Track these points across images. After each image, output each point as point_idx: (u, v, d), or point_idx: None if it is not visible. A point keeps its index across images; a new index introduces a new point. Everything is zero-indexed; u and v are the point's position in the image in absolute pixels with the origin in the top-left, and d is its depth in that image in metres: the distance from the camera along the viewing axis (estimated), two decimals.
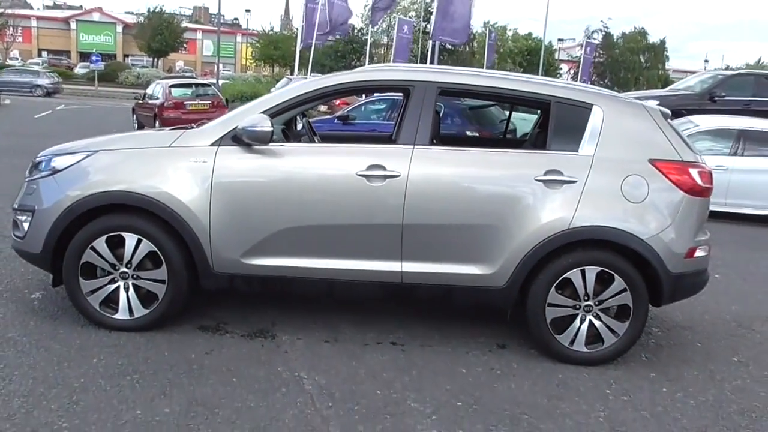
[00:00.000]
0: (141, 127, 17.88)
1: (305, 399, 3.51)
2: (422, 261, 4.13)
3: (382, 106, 12.93)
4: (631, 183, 4.10)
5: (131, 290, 4.16)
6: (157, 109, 16.37)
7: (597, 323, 4.16)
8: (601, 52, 49.31)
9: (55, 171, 4.19)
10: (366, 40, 46.07)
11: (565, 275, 4.10)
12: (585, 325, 4.16)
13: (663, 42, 53.37)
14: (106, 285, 4.16)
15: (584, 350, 4.19)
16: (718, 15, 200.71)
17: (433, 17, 17.12)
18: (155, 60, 60.44)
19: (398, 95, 11.02)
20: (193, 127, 4.40)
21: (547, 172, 4.08)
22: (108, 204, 4.07)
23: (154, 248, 4.08)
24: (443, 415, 3.46)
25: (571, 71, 51.65)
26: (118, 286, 4.16)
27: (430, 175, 4.11)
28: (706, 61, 75.87)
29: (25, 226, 4.23)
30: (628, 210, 4.08)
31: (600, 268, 4.09)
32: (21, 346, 3.90)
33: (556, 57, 57.32)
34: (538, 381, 3.95)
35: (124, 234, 4.08)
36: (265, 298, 4.89)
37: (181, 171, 4.07)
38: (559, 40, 60.52)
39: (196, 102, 16.78)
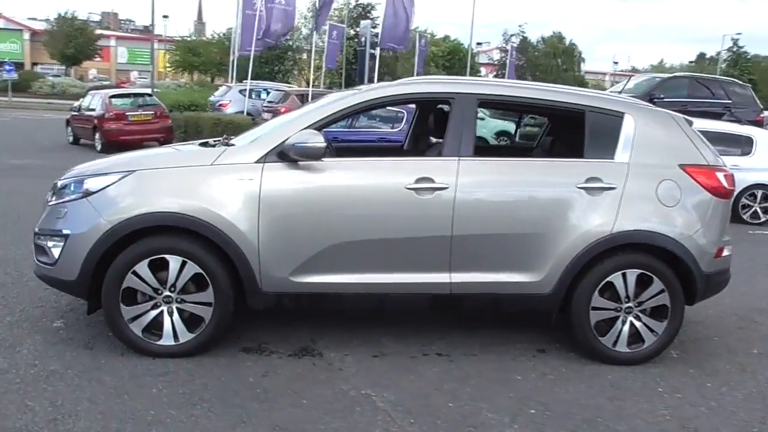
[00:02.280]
0: (77, 139, 17.16)
1: (384, 417, 3.48)
2: (471, 271, 4.17)
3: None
4: (665, 188, 4.27)
5: (175, 314, 4.01)
6: (96, 121, 15.72)
7: (637, 324, 4.30)
8: (519, 56, 50.78)
9: (89, 193, 3.99)
10: (289, 45, 45.88)
11: (607, 279, 4.23)
12: (626, 327, 4.30)
13: (573, 45, 55.52)
14: (148, 311, 3.99)
15: (626, 350, 4.32)
16: (621, 19, 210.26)
17: (380, 24, 17.20)
18: (67, 68, 57.88)
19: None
20: (230, 143, 4.31)
21: (588, 180, 4.20)
22: (150, 226, 3.92)
23: (200, 270, 3.95)
24: (522, 423, 3.50)
25: (490, 74, 52.92)
26: (162, 311, 4.00)
27: (477, 186, 4.16)
28: (615, 63, 79.41)
29: (56, 252, 4.01)
30: (665, 214, 4.25)
31: (640, 271, 4.23)
32: (69, 379, 3.69)
33: (477, 60, 58.50)
34: (592, 383, 4.05)
35: (167, 256, 3.93)
36: (298, 315, 4.79)
37: (228, 189, 3.96)
38: (478, 43, 61.78)
39: (138, 113, 16.16)
